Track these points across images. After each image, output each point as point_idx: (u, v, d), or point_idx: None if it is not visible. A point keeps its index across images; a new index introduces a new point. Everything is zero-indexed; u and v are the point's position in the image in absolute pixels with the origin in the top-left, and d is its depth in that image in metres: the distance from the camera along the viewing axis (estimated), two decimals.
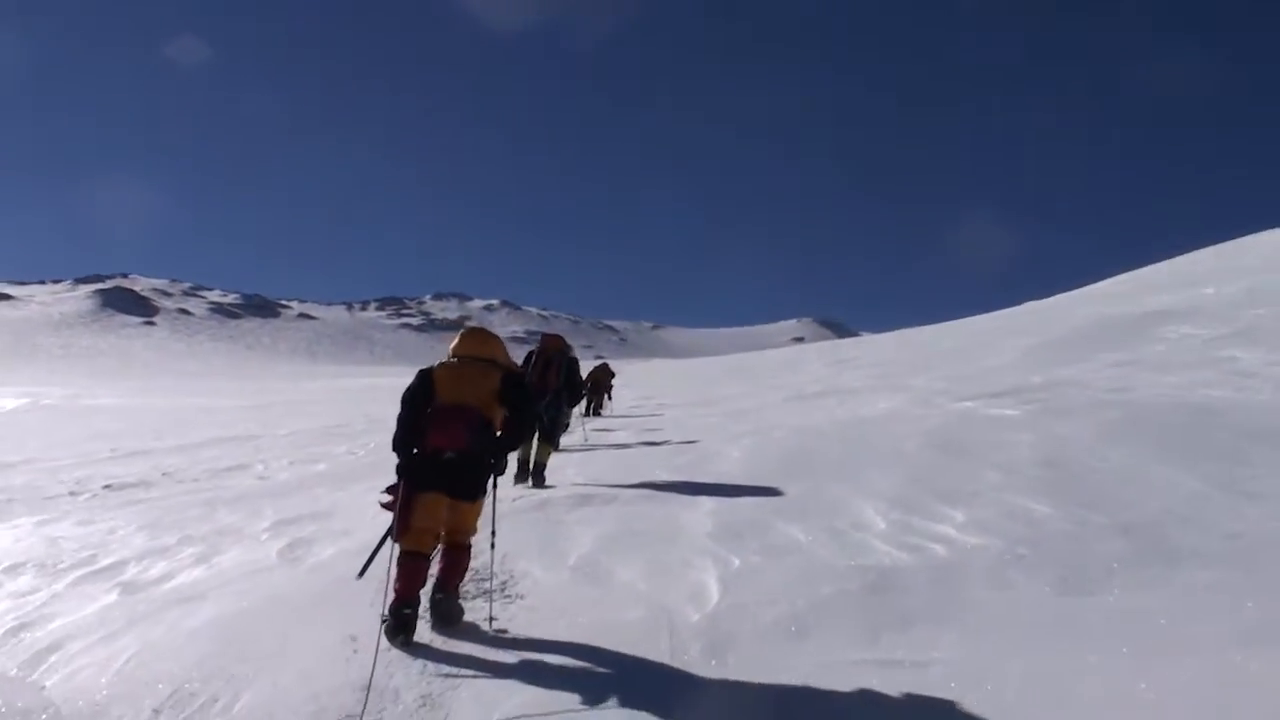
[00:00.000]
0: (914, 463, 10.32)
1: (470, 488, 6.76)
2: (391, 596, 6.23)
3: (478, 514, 6.92)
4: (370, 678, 5.18)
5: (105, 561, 9.52)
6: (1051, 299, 53.20)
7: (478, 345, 7.24)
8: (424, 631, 6.29)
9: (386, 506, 6.69)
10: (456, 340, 7.32)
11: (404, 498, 6.51)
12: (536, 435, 12.37)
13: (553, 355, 13.79)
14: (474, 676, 5.45)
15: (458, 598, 6.75)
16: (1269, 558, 6.22)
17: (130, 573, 8.98)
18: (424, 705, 5.08)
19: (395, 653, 5.85)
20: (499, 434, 6.96)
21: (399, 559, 6.45)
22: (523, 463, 12.34)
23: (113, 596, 8.04)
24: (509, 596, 6.98)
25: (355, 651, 5.81)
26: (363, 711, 4.94)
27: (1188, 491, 7.94)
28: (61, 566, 9.46)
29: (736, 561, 7.20)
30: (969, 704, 4.57)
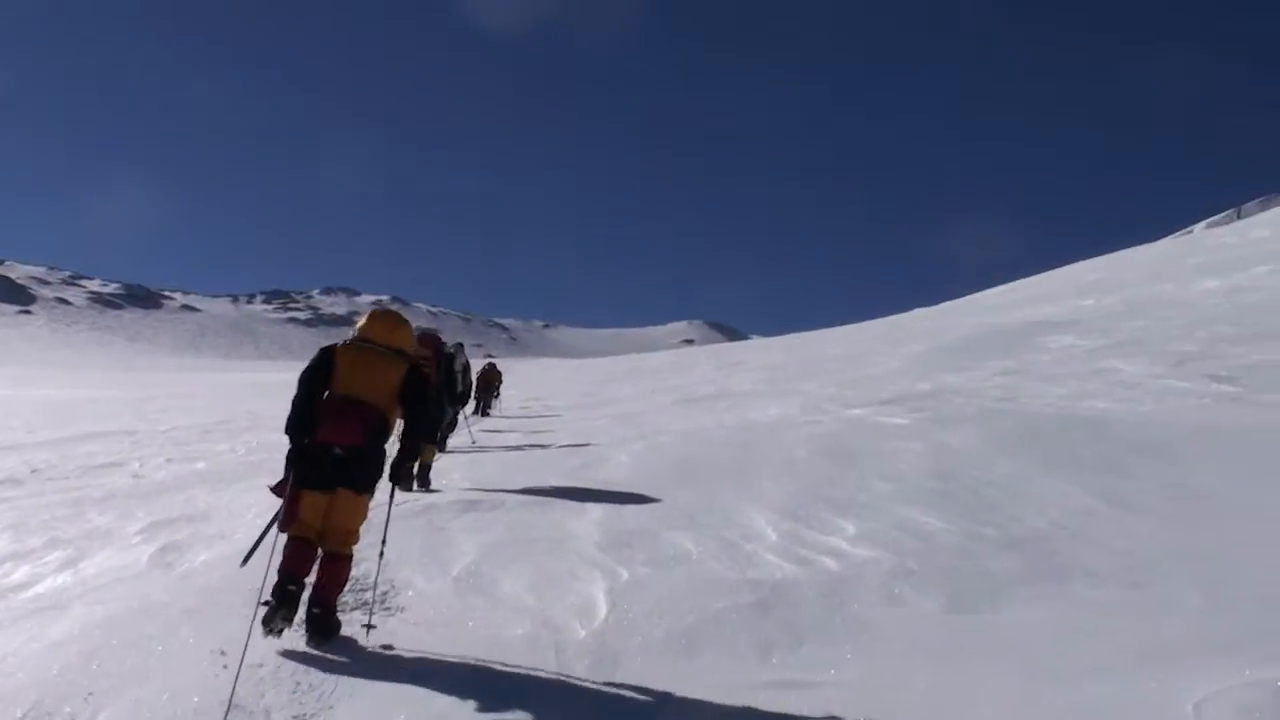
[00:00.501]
0: (804, 471, 10.27)
1: (359, 479, 6.43)
2: (274, 579, 6.06)
3: (363, 514, 6.56)
4: (231, 694, 4.92)
5: None
6: (940, 306, 54.13)
7: (387, 332, 6.78)
8: (298, 644, 6.03)
9: (275, 492, 6.41)
10: (364, 320, 6.86)
11: (292, 491, 6.26)
12: None
13: (432, 354, 13.54)
14: (351, 695, 5.19)
15: (335, 612, 6.40)
16: (1157, 574, 6.24)
17: None
18: None
19: (267, 668, 5.57)
20: (400, 444, 6.73)
21: (285, 544, 6.26)
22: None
23: None
24: (389, 609, 6.72)
25: (225, 666, 5.50)
26: None
27: (1076, 505, 7.98)
28: None
29: (625, 573, 7.04)
30: None
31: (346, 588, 6.71)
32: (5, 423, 30.15)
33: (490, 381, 29.73)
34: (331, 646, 6.02)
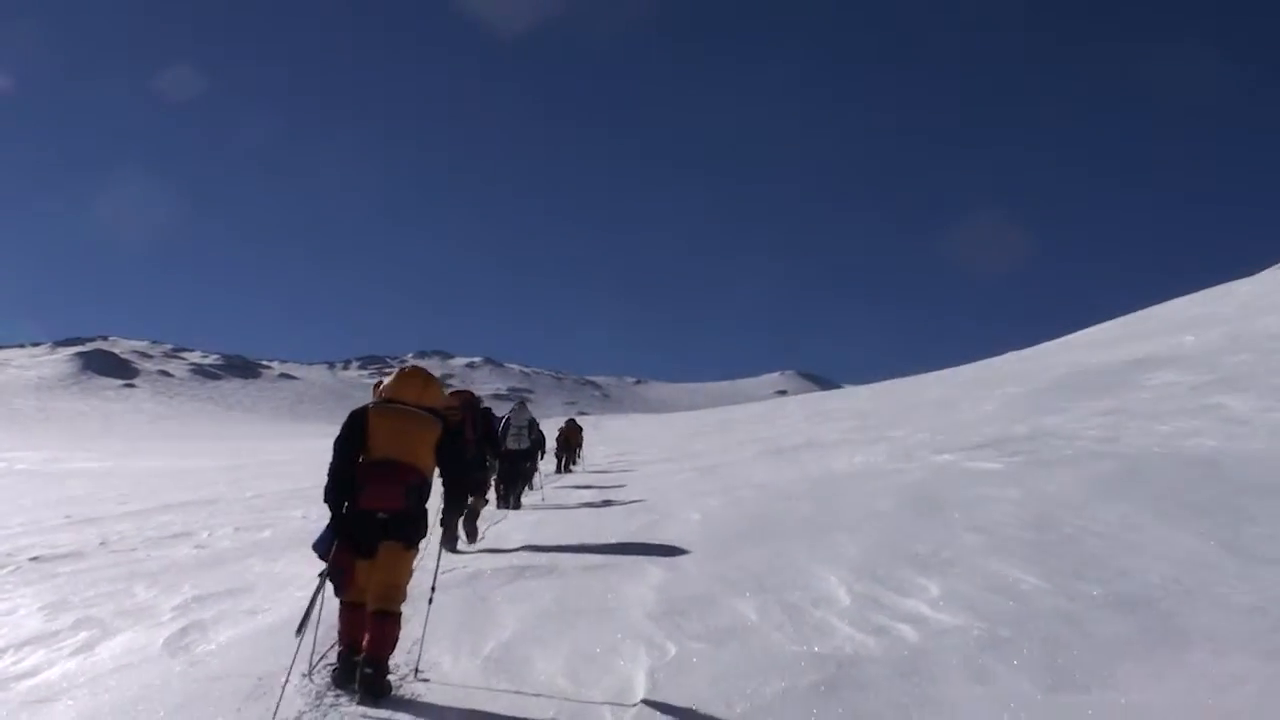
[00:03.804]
0: (887, 524, 9.41)
1: (406, 535, 6.38)
2: (338, 646, 6.33)
3: (408, 571, 6.49)
4: None
5: None
6: (1034, 348, 52.66)
7: (418, 392, 6.66)
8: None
9: (320, 554, 6.26)
10: (393, 381, 6.72)
11: (344, 558, 6.17)
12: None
13: (465, 410, 13.06)
14: None
15: (388, 672, 6.16)
16: None
17: (1, 665, 7.95)
18: None
19: None
20: (444, 503, 6.81)
21: (341, 611, 6.35)
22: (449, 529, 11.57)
23: None
24: (403, 696, 6.00)
25: None
26: None
27: (1193, 556, 6.99)
28: None
29: (673, 649, 6.22)
30: None
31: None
32: (100, 494, 30.15)
33: (570, 439, 29.30)
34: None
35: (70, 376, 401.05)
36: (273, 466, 43.92)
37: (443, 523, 6.69)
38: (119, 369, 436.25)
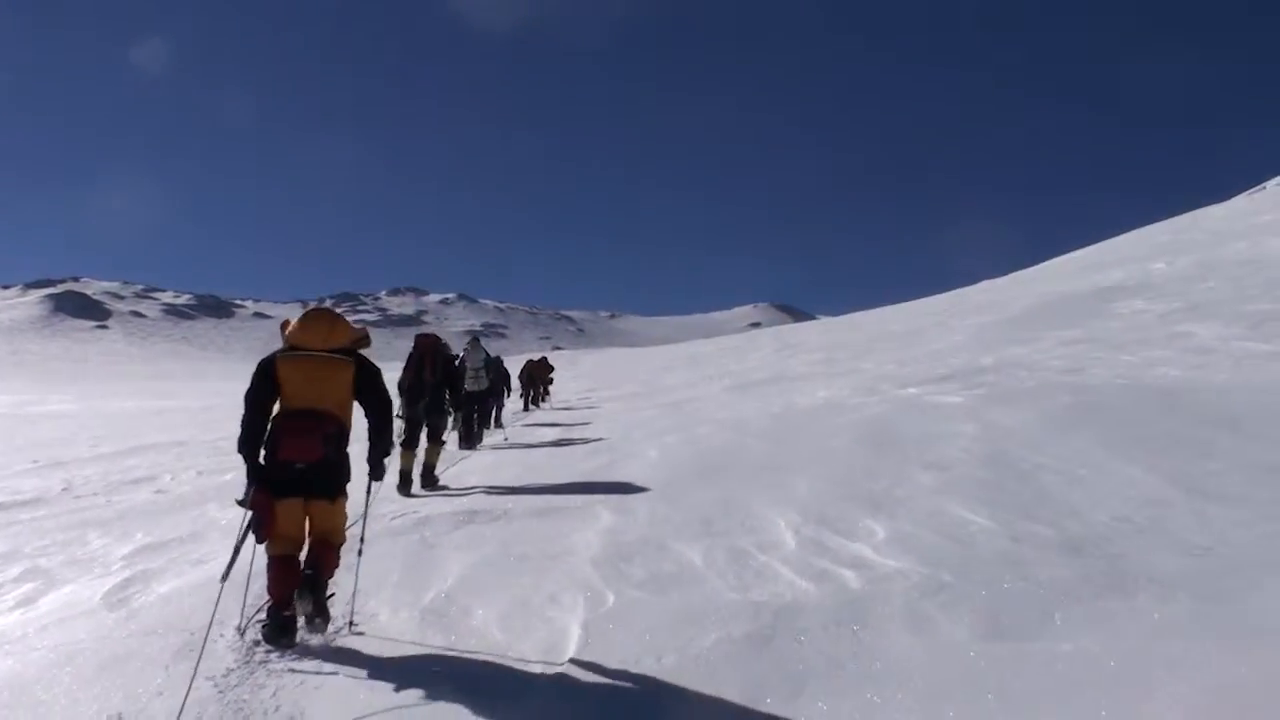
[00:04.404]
0: (841, 462, 9.33)
1: (329, 488, 6.22)
2: (269, 601, 6.06)
3: (342, 515, 6.40)
4: None
5: None
6: (1006, 277, 52.73)
7: (324, 337, 6.27)
8: (208, 707, 5.14)
9: (242, 505, 6.04)
10: (297, 326, 6.32)
11: (264, 505, 5.97)
12: (425, 436, 12.38)
13: (426, 351, 12.87)
14: None
15: (328, 588, 6.25)
16: (1239, 581, 5.13)
17: None
18: None
19: None
20: (369, 446, 6.47)
21: (269, 564, 6.13)
22: (404, 473, 11.45)
23: None
24: (331, 648, 5.87)
25: None
26: None
27: (1145, 494, 6.91)
28: None
29: (611, 598, 6.07)
30: None
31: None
32: (74, 438, 29.80)
33: (537, 376, 29.00)
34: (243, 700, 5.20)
35: (41, 319, 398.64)
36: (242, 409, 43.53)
37: (371, 475, 6.52)
38: (91, 310, 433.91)
